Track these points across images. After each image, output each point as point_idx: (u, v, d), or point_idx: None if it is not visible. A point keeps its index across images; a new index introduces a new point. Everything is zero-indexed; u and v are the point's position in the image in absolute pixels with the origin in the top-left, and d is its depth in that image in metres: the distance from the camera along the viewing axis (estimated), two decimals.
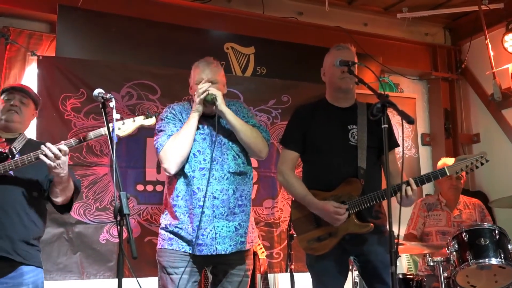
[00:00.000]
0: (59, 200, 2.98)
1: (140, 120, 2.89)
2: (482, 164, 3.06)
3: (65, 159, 2.79)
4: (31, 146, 3.03)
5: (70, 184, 2.95)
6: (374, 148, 3.13)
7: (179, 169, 3.06)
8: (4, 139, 3.02)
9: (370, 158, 3.10)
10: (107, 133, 2.78)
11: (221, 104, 3.05)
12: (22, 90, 3.12)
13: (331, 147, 3.12)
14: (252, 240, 3.20)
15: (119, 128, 2.80)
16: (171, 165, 3.03)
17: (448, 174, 3.04)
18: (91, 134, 2.87)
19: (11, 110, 3.04)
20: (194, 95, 3.10)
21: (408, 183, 2.92)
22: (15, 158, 2.80)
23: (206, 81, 3.10)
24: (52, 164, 2.74)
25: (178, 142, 3.02)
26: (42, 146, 2.75)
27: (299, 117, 3.28)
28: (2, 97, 3.11)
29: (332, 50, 3.26)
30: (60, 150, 2.76)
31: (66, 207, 3.08)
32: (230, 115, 3.08)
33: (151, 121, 2.91)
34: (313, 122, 3.21)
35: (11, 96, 3.08)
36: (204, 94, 3.04)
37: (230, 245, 3.04)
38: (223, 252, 3.01)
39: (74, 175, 3.21)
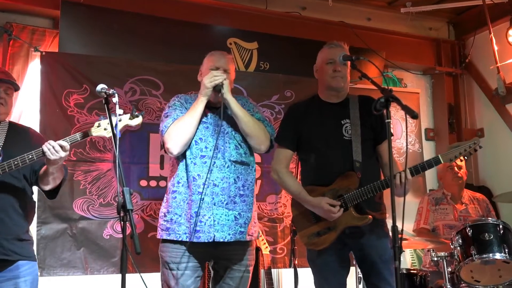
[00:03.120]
0: (48, 187, 3.01)
1: (126, 120, 2.83)
2: (475, 150, 3.08)
3: (65, 154, 2.80)
4: (14, 135, 3.01)
5: (62, 173, 2.98)
6: (368, 141, 3.16)
7: (181, 151, 3.05)
8: None
9: (366, 150, 3.12)
10: (93, 134, 2.79)
11: (226, 92, 3.05)
12: (9, 82, 3.04)
13: (326, 143, 3.15)
14: (252, 234, 3.19)
15: (105, 129, 2.77)
16: (173, 145, 3.02)
17: (442, 162, 3.04)
18: (77, 136, 2.84)
19: None
20: (204, 79, 3.09)
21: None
22: (2, 163, 2.77)
23: (217, 68, 3.12)
24: (52, 157, 2.75)
25: (183, 123, 3.02)
26: (44, 147, 2.75)
27: (292, 115, 3.32)
28: None
29: (324, 48, 3.29)
30: (61, 147, 2.76)
31: (54, 193, 3.09)
32: (234, 104, 3.07)
33: (137, 121, 2.85)
34: (306, 119, 3.23)
35: None
36: (218, 81, 3.03)
37: (229, 234, 3.03)
38: (221, 240, 3.00)
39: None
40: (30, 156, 2.77)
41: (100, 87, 2.59)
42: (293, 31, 5.33)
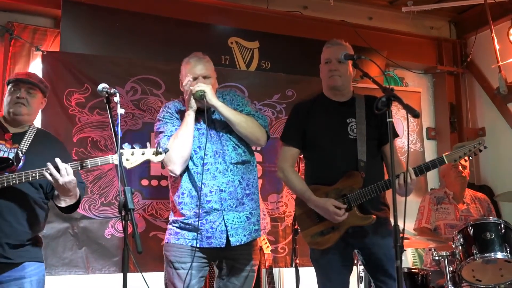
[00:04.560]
0: (62, 205, 2.99)
1: (149, 154, 2.79)
2: (480, 150, 3.06)
3: (70, 179, 2.75)
4: (39, 142, 3.02)
5: (75, 194, 2.93)
6: (373, 140, 3.16)
7: (183, 168, 3.06)
8: (11, 134, 2.98)
9: (370, 150, 3.12)
10: (114, 162, 2.74)
11: (211, 99, 3.03)
12: (29, 82, 3.05)
13: (330, 141, 3.15)
14: (264, 227, 3.21)
15: (127, 159, 2.72)
16: (175, 167, 3.04)
17: (446, 162, 3.04)
18: (99, 161, 2.81)
19: (18, 103, 2.99)
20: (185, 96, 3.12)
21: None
22: (20, 173, 2.75)
23: (196, 77, 3.10)
24: (55, 184, 2.74)
25: (179, 143, 3.02)
26: (46, 170, 2.73)
27: (297, 113, 3.31)
28: (8, 88, 3.06)
29: (323, 48, 3.30)
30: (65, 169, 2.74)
31: (69, 209, 3.07)
32: (222, 108, 3.07)
33: (160, 157, 2.80)
34: (312, 118, 3.23)
35: (17, 88, 3.02)
36: (190, 90, 3.05)
37: (245, 235, 3.07)
38: (237, 243, 3.03)
39: (81, 177, 3.17)
40: (33, 175, 2.75)
41: (102, 86, 2.60)
42: (294, 30, 5.32)
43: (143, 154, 2.78)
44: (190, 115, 3.07)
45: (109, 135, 4.28)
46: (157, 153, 2.80)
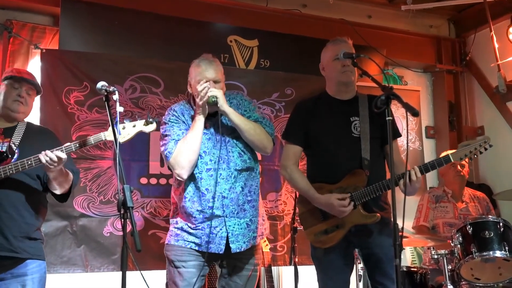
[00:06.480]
0: (57, 192, 3.02)
1: (140, 126, 2.87)
2: (485, 149, 3.02)
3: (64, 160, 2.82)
4: (31, 134, 3.05)
5: (67, 177, 2.98)
6: (377, 139, 3.13)
7: (190, 173, 3.03)
8: (2, 129, 3.01)
9: (374, 149, 3.10)
10: (107, 138, 2.80)
11: (223, 105, 3.01)
12: (30, 82, 3.10)
13: (334, 139, 3.12)
14: (262, 233, 3.20)
15: (119, 134, 2.76)
16: (183, 171, 3.00)
17: (452, 160, 3.01)
18: (91, 139, 2.87)
19: (18, 101, 3.02)
20: (195, 95, 3.06)
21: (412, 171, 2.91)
22: (16, 162, 2.80)
23: (206, 81, 3.04)
24: (50, 167, 2.77)
25: (187, 147, 2.99)
26: (40, 156, 2.76)
27: (300, 111, 3.28)
28: (7, 82, 3.06)
29: (329, 45, 3.26)
30: (59, 158, 2.77)
31: (64, 197, 3.10)
32: (233, 115, 3.04)
33: (151, 127, 2.89)
34: (315, 116, 3.20)
35: (18, 85, 3.04)
36: (206, 97, 2.98)
37: (244, 242, 3.05)
38: (237, 250, 3.02)
39: (74, 164, 3.23)
40: (29, 162, 2.80)
41: (101, 84, 2.60)
42: (293, 29, 5.32)
43: (134, 126, 2.86)
44: (200, 120, 3.03)
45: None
46: (147, 123, 2.86)
